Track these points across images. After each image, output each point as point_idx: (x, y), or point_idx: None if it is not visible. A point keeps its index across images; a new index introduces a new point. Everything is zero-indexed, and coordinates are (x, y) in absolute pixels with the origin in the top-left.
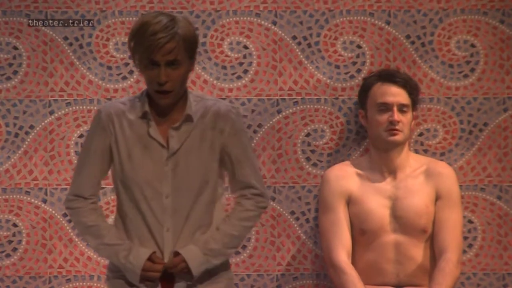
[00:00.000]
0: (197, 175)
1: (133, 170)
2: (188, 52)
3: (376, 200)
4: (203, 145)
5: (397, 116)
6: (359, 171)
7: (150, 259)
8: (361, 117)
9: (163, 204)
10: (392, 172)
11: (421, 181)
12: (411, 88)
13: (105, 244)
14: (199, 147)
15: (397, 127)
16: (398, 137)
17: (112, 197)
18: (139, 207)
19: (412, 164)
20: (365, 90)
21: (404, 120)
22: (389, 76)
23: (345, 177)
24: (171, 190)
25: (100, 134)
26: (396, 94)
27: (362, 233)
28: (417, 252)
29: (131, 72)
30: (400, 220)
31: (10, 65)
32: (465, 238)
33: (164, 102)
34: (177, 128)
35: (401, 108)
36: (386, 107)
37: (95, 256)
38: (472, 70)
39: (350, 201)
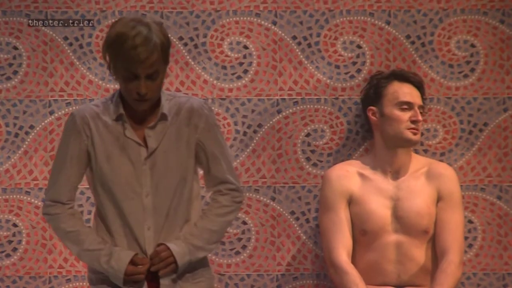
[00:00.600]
0: (175, 173)
1: (112, 171)
2: (164, 59)
3: (377, 201)
4: (180, 142)
5: (420, 116)
6: (360, 170)
7: (132, 261)
8: (371, 114)
9: (143, 203)
10: (395, 172)
11: (423, 182)
12: (424, 90)
13: (85, 250)
14: (176, 145)
15: (417, 127)
16: (417, 137)
17: None
18: (120, 208)
19: (414, 165)
20: (379, 87)
21: (422, 121)
22: (406, 76)
23: (347, 176)
24: (150, 189)
25: (76, 138)
26: (415, 95)
27: (363, 233)
28: (419, 252)
29: None
30: (402, 221)
31: (10, 65)
32: (465, 238)
33: (141, 108)
34: (153, 127)
35: (420, 109)
36: (409, 106)
37: None
38: (472, 70)
39: (351, 201)
